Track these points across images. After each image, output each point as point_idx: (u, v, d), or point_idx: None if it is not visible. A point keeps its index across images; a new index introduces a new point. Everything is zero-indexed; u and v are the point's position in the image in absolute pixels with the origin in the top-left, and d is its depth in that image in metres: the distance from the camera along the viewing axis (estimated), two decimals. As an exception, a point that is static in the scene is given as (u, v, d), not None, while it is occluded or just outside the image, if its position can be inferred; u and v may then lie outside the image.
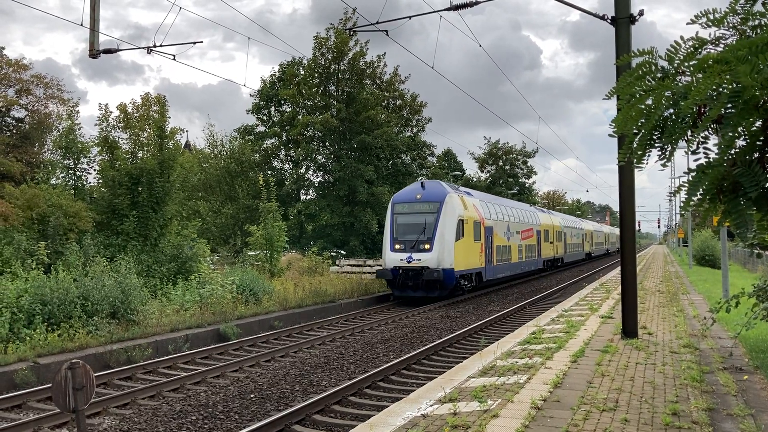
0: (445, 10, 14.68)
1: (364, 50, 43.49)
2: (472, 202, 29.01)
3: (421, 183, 27.49)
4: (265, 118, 47.44)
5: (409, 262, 24.82)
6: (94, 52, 15.55)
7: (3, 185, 25.59)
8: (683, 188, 4.06)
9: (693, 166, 4.07)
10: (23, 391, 10.88)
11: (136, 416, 9.68)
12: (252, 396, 10.80)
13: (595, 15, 12.40)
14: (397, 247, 25.46)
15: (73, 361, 8.59)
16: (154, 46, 16.66)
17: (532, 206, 49.97)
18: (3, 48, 39.18)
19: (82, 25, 14.86)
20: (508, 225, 34.14)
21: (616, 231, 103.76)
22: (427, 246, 24.88)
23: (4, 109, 39.93)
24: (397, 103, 47.58)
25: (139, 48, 17.21)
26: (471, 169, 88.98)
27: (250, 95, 47.58)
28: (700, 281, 28.73)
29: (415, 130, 48.69)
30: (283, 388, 11.32)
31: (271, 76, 47.02)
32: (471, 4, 14.27)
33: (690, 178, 4.00)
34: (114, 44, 17.52)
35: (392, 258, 25.32)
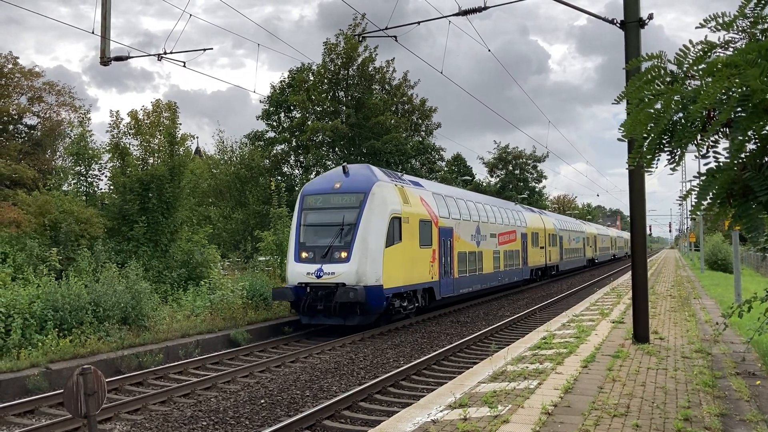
0: (453, 15, 14.70)
1: (373, 56, 43.60)
2: (419, 194, 22.20)
3: (343, 167, 20.13)
4: (274, 124, 47.58)
5: (318, 276, 18.12)
6: (105, 60, 15.68)
7: (16, 192, 25.81)
8: (693, 192, 4.05)
9: (703, 170, 4.06)
10: (35, 397, 10.94)
11: (147, 422, 9.71)
12: (262, 401, 10.82)
13: (604, 19, 12.38)
14: (303, 255, 18.77)
15: (85, 366, 8.64)
16: (165, 53, 16.78)
17: (517, 204, 41.60)
18: (17, 57, 39.51)
19: (93, 32, 15.00)
20: (477, 226, 27.39)
21: (625, 234, 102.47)
22: (343, 254, 18.20)
23: (16, 117, 40.30)
24: (406, 108, 47.62)
25: (150, 55, 17.35)
26: (481, 173, 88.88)
27: (260, 101, 47.72)
28: (712, 285, 28.52)
29: (424, 134, 48.71)
30: (294, 394, 11.33)
31: (281, 82, 47.19)
32: (480, 9, 14.28)
33: (700, 182, 3.98)
34: (125, 51, 17.66)
35: (297, 271, 18.64)
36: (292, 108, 46.35)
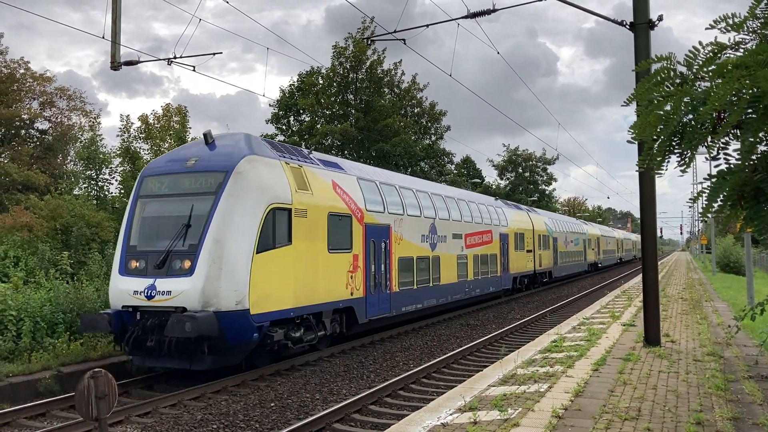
0: (462, 18, 14.70)
1: (381, 58, 43.69)
2: (330, 178, 15.86)
3: (206, 134, 13.88)
4: (284, 127, 47.71)
5: (149, 297, 12.21)
6: (115, 64, 15.78)
7: (28, 196, 26.00)
8: (704, 194, 4.03)
9: (713, 172, 4.04)
10: (47, 400, 11.00)
11: (158, 425, 9.74)
12: (272, 404, 10.83)
13: (613, 21, 12.34)
14: (132, 266, 12.84)
15: (96, 369, 8.69)
16: (175, 57, 16.85)
17: (498, 200, 33.96)
18: (29, 62, 39.89)
19: (103, 38, 15.10)
20: (431, 224, 21.29)
21: (632, 236, 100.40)
22: (186, 263, 12.27)
23: (28, 121, 40.63)
24: (416, 111, 47.64)
25: (160, 59, 17.42)
26: (490, 176, 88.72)
27: (270, 105, 47.88)
28: (724, 288, 28.32)
29: (434, 138, 48.70)
30: (303, 397, 11.34)
31: (290, 85, 47.33)
32: (489, 12, 14.27)
33: (710, 184, 3.96)
34: (135, 56, 17.77)
35: (120, 289, 12.74)
36: (301, 111, 46.47)
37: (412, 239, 19.79)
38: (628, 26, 11.92)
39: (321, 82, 44.78)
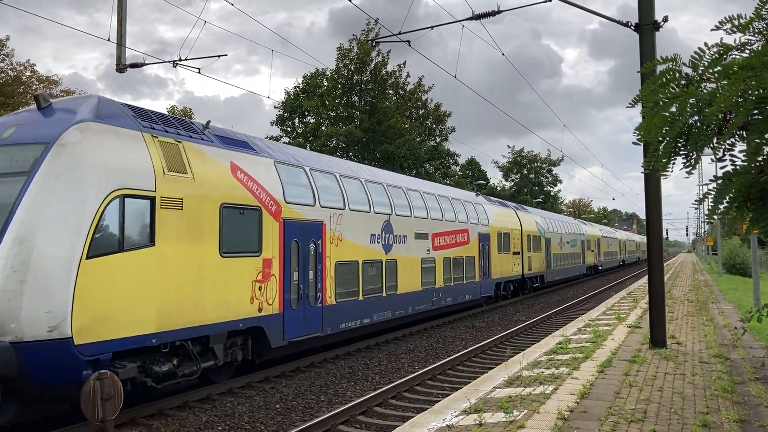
0: (467, 19, 14.71)
1: (386, 60, 43.75)
2: (229, 159, 12.17)
3: (37, 97, 10.46)
4: (289, 129, 47.82)
5: None
6: (121, 67, 15.84)
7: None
8: (709, 196, 4.02)
9: (719, 173, 4.03)
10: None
11: (164, 426, 9.76)
12: (277, 406, 10.84)
13: (618, 22, 12.32)
14: None
15: (101, 372, 8.71)
16: (180, 59, 16.91)
17: (479, 196, 30.06)
18: (34, 65, 40.07)
19: (109, 40, 15.16)
20: (385, 221, 17.68)
21: (635, 237, 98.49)
22: None
23: (34, 124, 40.77)
24: (420, 113, 47.69)
25: (165, 62, 17.48)
26: (495, 177, 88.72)
27: (275, 107, 48.04)
28: (730, 290, 28.23)
29: (438, 139, 48.73)
30: (309, 399, 11.34)
31: (295, 87, 47.43)
32: (493, 13, 14.27)
33: (716, 186, 3.96)
34: (140, 59, 17.82)
35: None
36: (306, 113, 46.56)
37: (357, 240, 16.06)
38: (633, 27, 11.90)
39: (326, 84, 44.87)
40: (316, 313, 14.13)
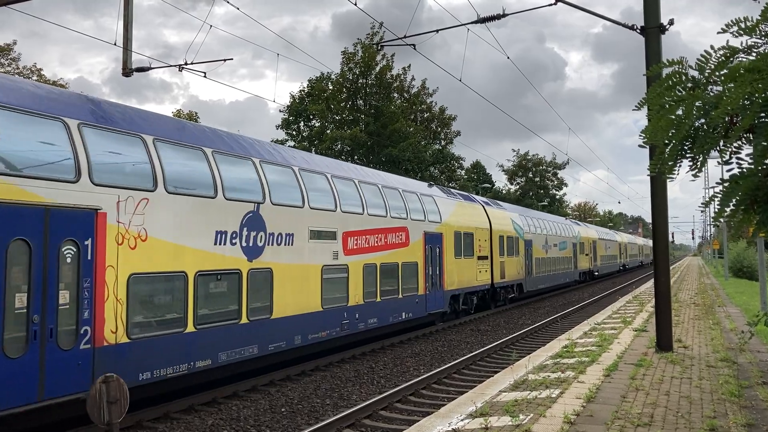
0: (472, 23, 14.71)
1: (391, 63, 43.83)
2: None
3: None
4: (294, 133, 47.90)
5: None
6: (127, 71, 15.88)
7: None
8: (716, 199, 4.01)
9: (726, 176, 4.02)
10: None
11: (170, 430, 9.78)
12: (283, 410, 10.84)
13: (624, 25, 12.31)
14: None
15: (108, 375, 8.73)
16: (186, 63, 16.95)
17: (431, 186, 24.08)
18: (41, 69, 40.26)
19: (115, 44, 15.21)
20: (252, 213, 12.43)
21: (639, 240, 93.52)
22: None
23: (41, 128, 40.98)
24: (425, 116, 47.73)
25: (171, 66, 17.53)
26: (500, 181, 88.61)
27: (279, 111, 48.11)
28: (736, 293, 28.12)
29: (443, 143, 48.76)
30: (314, 402, 11.34)
31: (300, 91, 47.54)
32: (498, 17, 14.28)
33: (723, 189, 3.95)
34: (146, 63, 17.89)
35: None
36: (311, 117, 46.65)
37: (182, 238, 10.74)
38: (638, 30, 11.88)
39: (331, 87, 44.97)
40: (69, 366, 8.74)
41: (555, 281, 37.32)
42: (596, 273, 51.14)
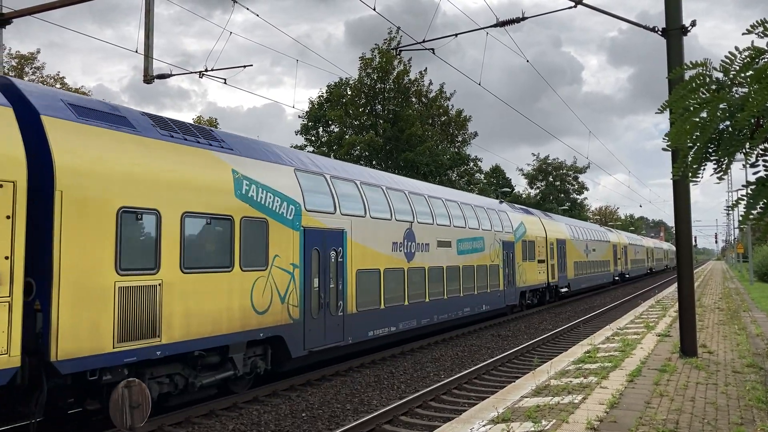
0: (490, 27, 14.68)
1: (408, 68, 43.91)
2: None
3: None
4: (313, 138, 48.09)
5: None
6: (148, 78, 16.06)
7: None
8: (741, 202, 3.95)
9: (752, 179, 3.96)
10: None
11: (191, 434, 9.82)
12: (303, 415, 10.84)
13: (645, 27, 12.20)
14: None
15: (130, 379, 8.81)
16: (206, 70, 17.11)
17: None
18: (63, 77, 40.88)
19: (137, 52, 15.39)
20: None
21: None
22: None
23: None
24: (443, 120, 47.72)
25: (192, 72, 17.70)
26: (520, 185, 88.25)
27: (299, 116, 48.40)
28: (762, 298, 27.68)
29: (460, 145, 48.69)
30: (334, 407, 11.34)
31: (319, 97, 47.74)
32: (517, 20, 14.23)
33: (748, 192, 3.89)
34: (166, 70, 18.06)
35: None
36: (330, 122, 46.82)
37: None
38: (659, 32, 11.77)
39: (349, 93, 45.13)
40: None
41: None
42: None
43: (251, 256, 11.67)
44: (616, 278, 49.44)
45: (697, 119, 4.14)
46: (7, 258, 7.73)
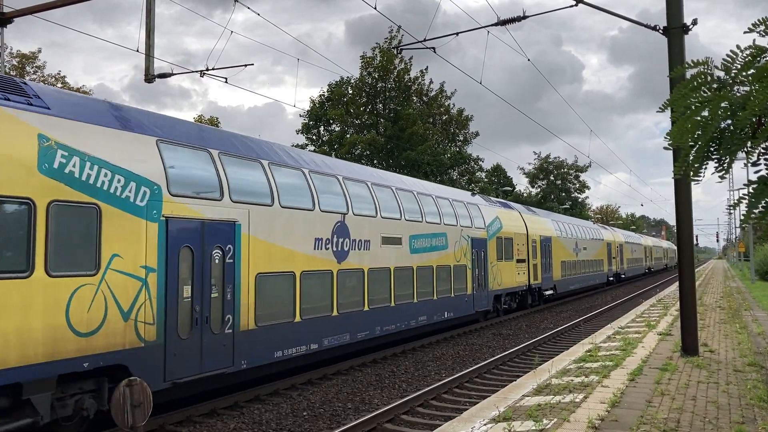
0: (492, 25, 14.67)
1: (408, 67, 43.92)
2: None
3: None
4: (314, 137, 48.08)
5: None
6: (149, 77, 16.06)
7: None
8: (743, 201, 3.95)
9: (753, 177, 3.96)
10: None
11: (192, 433, 9.83)
12: (305, 414, 10.85)
13: (646, 26, 12.19)
14: None
15: (131, 378, 8.81)
16: (207, 69, 17.10)
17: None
18: (65, 76, 40.91)
19: (138, 51, 15.39)
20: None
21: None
22: None
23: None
24: (444, 119, 47.70)
25: (193, 71, 17.71)
26: (521, 184, 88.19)
27: (300, 115, 48.40)
28: (764, 297, 27.66)
29: (461, 144, 48.68)
30: (336, 406, 11.34)
31: (320, 96, 47.76)
32: (519, 19, 14.22)
33: (750, 191, 3.88)
34: (167, 69, 18.06)
35: None
36: (331, 121, 46.81)
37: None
38: (661, 31, 11.76)
39: (350, 92, 45.14)
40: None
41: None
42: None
43: (68, 256, 8.58)
44: (611, 279, 47.09)
45: (699, 118, 4.14)
46: None
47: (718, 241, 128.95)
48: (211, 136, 12.24)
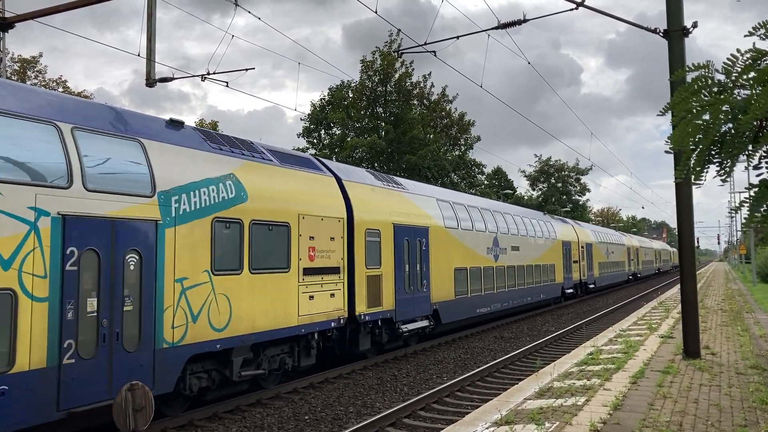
0: (493, 29, 14.68)
1: (410, 71, 43.90)
2: None
3: None
4: (315, 141, 48.06)
5: None
6: (150, 81, 16.08)
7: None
8: (745, 204, 3.95)
9: (755, 181, 3.96)
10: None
11: (194, 437, 9.82)
12: (306, 417, 10.84)
13: (646, 29, 12.20)
14: None
15: (133, 382, 8.80)
16: (208, 73, 17.12)
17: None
18: (66, 81, 40.98)
19: (139, 55, 15.42)
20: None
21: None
22: None
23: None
24: (445, 122, 47.67)
25: (194, 75, 17.72)
26: (521, 187, 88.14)
27: (301, 119, 48.37)
28: (765, 299, 27.63)
29: (463, 149, 48.64)
30: (337, 410, 11.33)
31: (321, 99, 47.74)
32: (519, 22, 14.23)
33: (752, 194, 3.89)
34: (168, 74, 18.09)
35: None
36: (332, 125, 46.80)
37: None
38: (661, 34, 11.77)
39: (351, 95, 45.13)
40: None
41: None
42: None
43: None
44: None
45: (700, 122, 4.15)
46: None
47: (719, 243, 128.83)
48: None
